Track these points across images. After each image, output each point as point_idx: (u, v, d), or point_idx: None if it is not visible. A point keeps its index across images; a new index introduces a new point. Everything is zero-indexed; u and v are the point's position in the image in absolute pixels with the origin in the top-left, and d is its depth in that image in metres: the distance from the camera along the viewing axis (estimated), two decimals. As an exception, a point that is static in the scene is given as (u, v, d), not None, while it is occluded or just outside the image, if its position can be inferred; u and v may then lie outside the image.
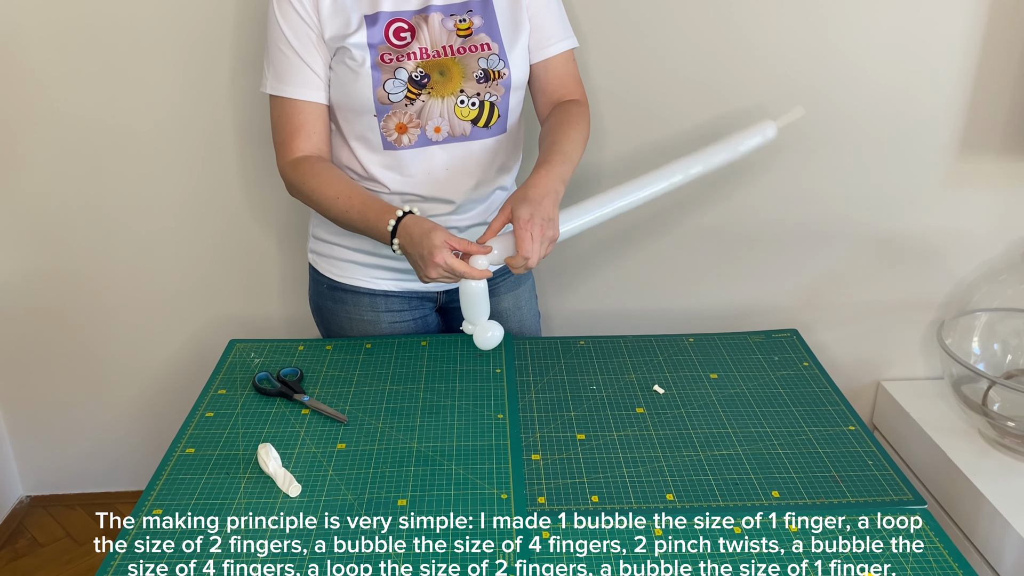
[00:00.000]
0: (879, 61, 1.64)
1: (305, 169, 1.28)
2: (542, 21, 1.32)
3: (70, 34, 1.58)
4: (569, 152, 1.27)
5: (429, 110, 1.26)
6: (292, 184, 1.31)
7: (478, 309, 1.23)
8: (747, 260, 1.82)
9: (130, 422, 1.97)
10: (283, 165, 1.31)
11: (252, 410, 1.25)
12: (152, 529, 1.02)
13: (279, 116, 1.30)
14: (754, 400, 1.30)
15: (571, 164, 1.26)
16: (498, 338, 1.26)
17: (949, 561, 0.99)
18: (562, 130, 1.30)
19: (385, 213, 1.22)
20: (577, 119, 1.32)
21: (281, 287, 1.84)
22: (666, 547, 1.01)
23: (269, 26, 1.27)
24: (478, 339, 1.26)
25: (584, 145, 1.32)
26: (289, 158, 1.30)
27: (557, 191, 1.20)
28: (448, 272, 1.17)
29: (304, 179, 1.28)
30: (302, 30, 1.24)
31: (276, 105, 1.30)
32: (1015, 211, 1.77)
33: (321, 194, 1.26)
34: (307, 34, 1.25)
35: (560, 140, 1.28)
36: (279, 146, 1.31)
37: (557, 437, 1.21)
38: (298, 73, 1.26)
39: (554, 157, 1.24)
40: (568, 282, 1.85)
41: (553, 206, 1.19)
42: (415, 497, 1.07)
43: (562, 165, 1.24)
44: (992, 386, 1.68)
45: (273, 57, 1.27)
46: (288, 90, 1.27)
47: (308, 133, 1.29)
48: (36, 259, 1.78)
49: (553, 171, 1.22)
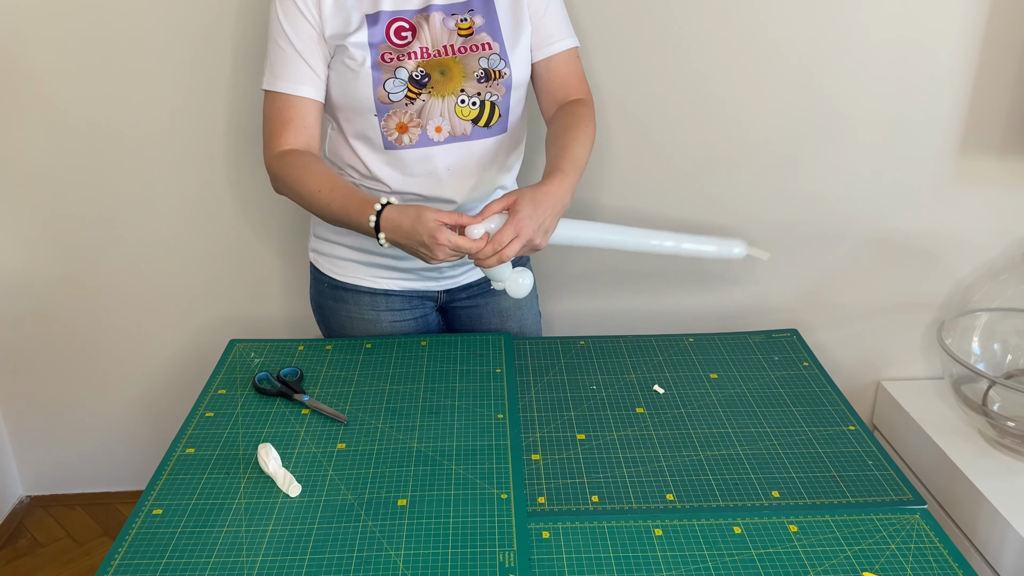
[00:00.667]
0: (879, 61, 1.64)
1: (290, 161, 1.26)
2: (544, 20, 1.32)
3: (71, 34, 1.58)
4: (580, 159, 1.27)
5: (430, 110, 1.26)
6: (276, 177, 1.29)
7: (499, 271, 1.23)
8: (747, 260, 1.82)
9: (130, 422, 1.97)
10: (269, 158, 1.29)
11: (252, 410, 1.25)
12: (152, 529, 1.02)
13: (271, 110, 1.29)
14: (754, 400, 1.30)
15: (581, 172, 1.27)
16: (529, 284, 1.25)
17: (949, 561, 0.99)
18: (572, 134, 1.29)
19: (365, 208, 1.19)
20: (584, 121, 1.32)
21: (281, 287, 1.84)
22: (666, 547, 1.01)
23: (270, 22, 1.27)
24: (511, 291, 1.25)
25: (591, 147, 1.32)
26: (276, 151, 1.28)
27: (565, 204, 1.21)
28: (455, 249, 1.16)
29: (288, 171, 1.26)
30: (302, 27, 1.24)
31: (269, 99, 1.29)
32: (1015, 211, 1.77)
33: (303, 186, 1.24)
34: (307, 31, 1.24)
35: (571, 146, 1.27)
36: (268, 139, 1.29)
37: (557, 437, 1.21)
38: (294, 68, 1.25)
39: (567, 165, 1.24)
40: (568, 282, 1.85)
41: (553, 219, 1.19)
42: (415, 497, 1.07)
43: (574, 174, 1.24)
44: (992, 386, 1.68)
45: (271, 53, 1.27)
46: (282, 85, 1.26)
47: (298, 128, 1.28)
48: (36, 259, 1.78)
49: (567, 181, 1.22)
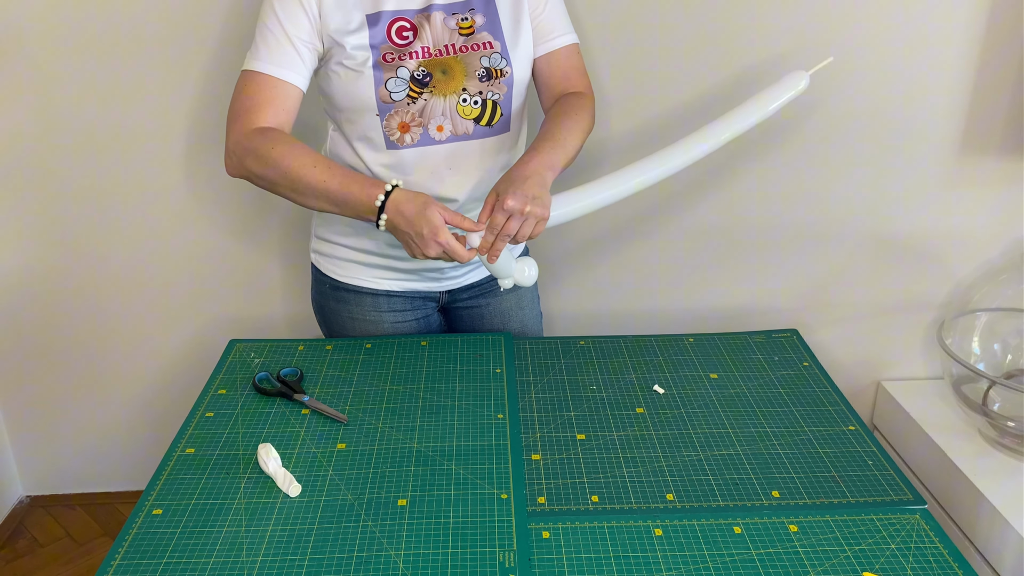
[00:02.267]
0: (879, 61, 1.64)
1: (272, 136, 1.20)
2: (544, 16, 1.32)
3: (71, 35, 1.58)
4: (561, 139, 1.24)
5: (431, 109, 1.26)
6: (249, 151, 1.19)
7: (505, 269, 1.23)
8: (747, 260, 1.82)
9: (130, 422, 1.97)
10: (239, 133, 1.20)
11: (252, 410, 1.25)
12: (152, 529, 1.02)
13: (250, 88, 1.22)
14: (754, 400, 1.30)
15: (563, 151, 1.24)
16: (535, 272, 1.26)
17: (949, 561, 0.99)
18: (557, 120, 1.28)
19: (371, 187, 1.17)
20: (577, 109, 1.31)
21: (281, 287, 1.84)
22: (666, 547, 1.01)
23: (261, 10, 1.24)
24: (520, 281, 1.26)
25: (584, 134, 1.30)
26: (251, 126, 1.21)
27: (542, 175, 1.18)
28: (447, 251, 1.15)
29: (270, 145, 1.18)
30: (298, 16, 1.21)
31: (249, 78, 1.22)
32: (1015, 211, 1.77)
33: (294, 159, 1.17)
34: (302, 21, 1.22)
35: (552, 129, 1.26)
36: (240, 114, 1.21)
37: (557, 437, 1.21)
38: (283, 54, 1.22)
39: (543, 144, 1.23)
40: (568, 282, 1.85)
41: (538, 186, 1.16)
42: (415, 497, 1.07)
43: (551, 153, 1.22)
44: (992, 386, 1.68)
45: (258, 36, 1.23)
46: (268, 67, 1.22)
47: (278, 110, 1.22)
48: (36, 259, 1.78)
49: (538, 156, 1.20)
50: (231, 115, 1.23)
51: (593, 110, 1.35)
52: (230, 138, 1.22)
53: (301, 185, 1.19)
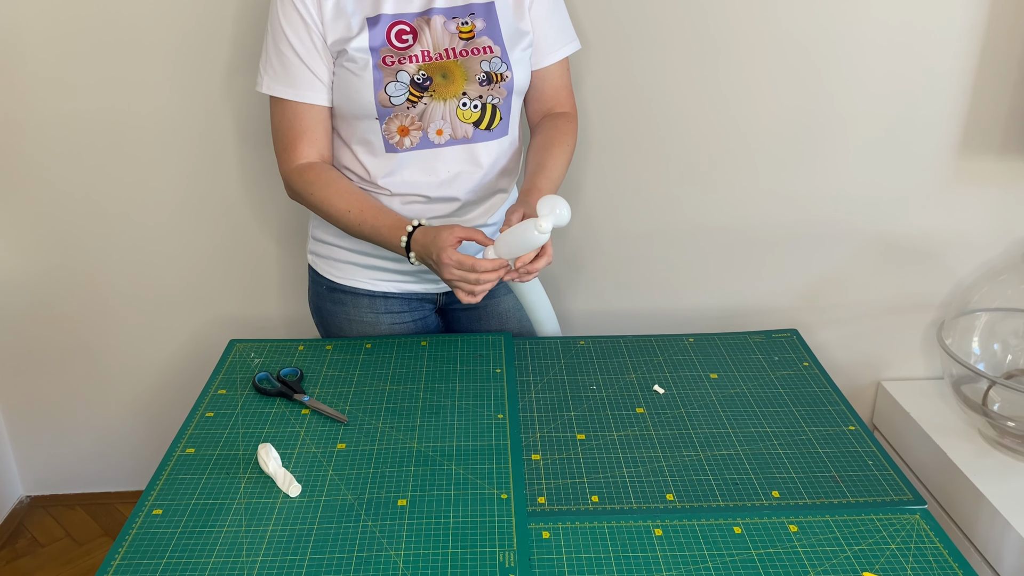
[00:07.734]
0: (879, 61, 1.64)
1: (311, 179, 1.29)
2: (543, 28, 1.32)
3: (71, 35, 1.58)
4: (557, 178, 1.32)
5: (431, 113, 1.26)
6: (297, 192, 1.32)
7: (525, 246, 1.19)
8: (747, 260, 1.82)
9: (130, 422, 1.97)
10: (287, 171, 1.31)
11: (252, 410, 1.25)
12: (152, 529, 1.02)
13: (281, 120, 1.30)
14: (754, 400, 1.30)
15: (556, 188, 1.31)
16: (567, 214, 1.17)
17: (949, 561, 0.99)
18: (552, 152, 1.32)
19: (397, 229, 1.24)
20: (567, 137, 1.36)
21: (281, 287, 1.84)
22: (666, 547, 1.01)
23: (270, 27, 1.27)
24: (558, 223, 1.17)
25: (569, 163, 1.36)
26: (293, 164, 1.30)
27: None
28: (460, 270, 1.18)
29: (312, 189, 1.29)
30: (305, 33, 1.24)
31: (277, 108, 1.30)
32: (1015, 211, 1.77)
33: (331, 206, 1.28)
34: (310, 37, 1.24)
35: (549, 164, 1.31)
36: (281, 151, 1.32)
37: (557, 437, 1.21)
38: (300, 75, 1.26)
39: (544, 184, 1.28)
40: (569, 282, 1.85)
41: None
42: (415, 497, 1.07)
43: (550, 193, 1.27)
44: (992, 386, 1.68)
45: (273, 58, 1.27)
46: (290, 92, 1.27)
47: (311, 139, 1.30)
48: (36, 259, 1.78)
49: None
50: (275, 146, 1.33)
51: (576, 132, 1.40)
52: (280, 170, 1.33)
53: (341, 227, 1.30)
